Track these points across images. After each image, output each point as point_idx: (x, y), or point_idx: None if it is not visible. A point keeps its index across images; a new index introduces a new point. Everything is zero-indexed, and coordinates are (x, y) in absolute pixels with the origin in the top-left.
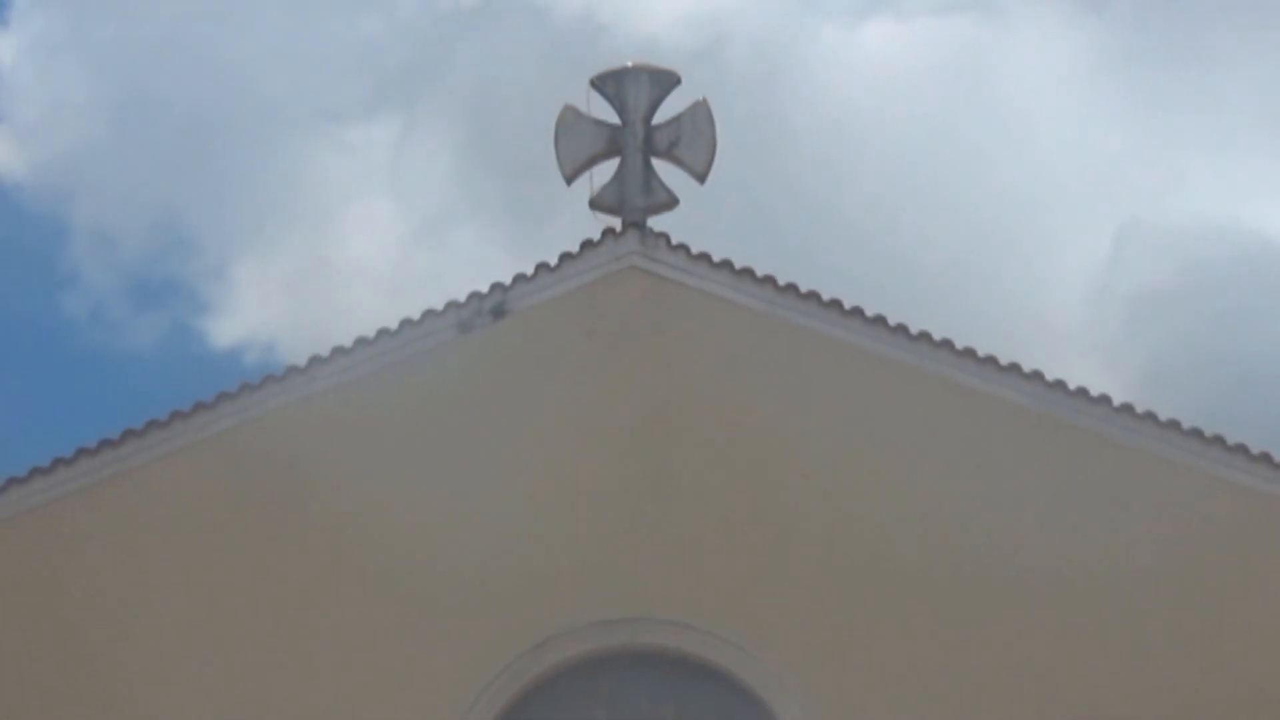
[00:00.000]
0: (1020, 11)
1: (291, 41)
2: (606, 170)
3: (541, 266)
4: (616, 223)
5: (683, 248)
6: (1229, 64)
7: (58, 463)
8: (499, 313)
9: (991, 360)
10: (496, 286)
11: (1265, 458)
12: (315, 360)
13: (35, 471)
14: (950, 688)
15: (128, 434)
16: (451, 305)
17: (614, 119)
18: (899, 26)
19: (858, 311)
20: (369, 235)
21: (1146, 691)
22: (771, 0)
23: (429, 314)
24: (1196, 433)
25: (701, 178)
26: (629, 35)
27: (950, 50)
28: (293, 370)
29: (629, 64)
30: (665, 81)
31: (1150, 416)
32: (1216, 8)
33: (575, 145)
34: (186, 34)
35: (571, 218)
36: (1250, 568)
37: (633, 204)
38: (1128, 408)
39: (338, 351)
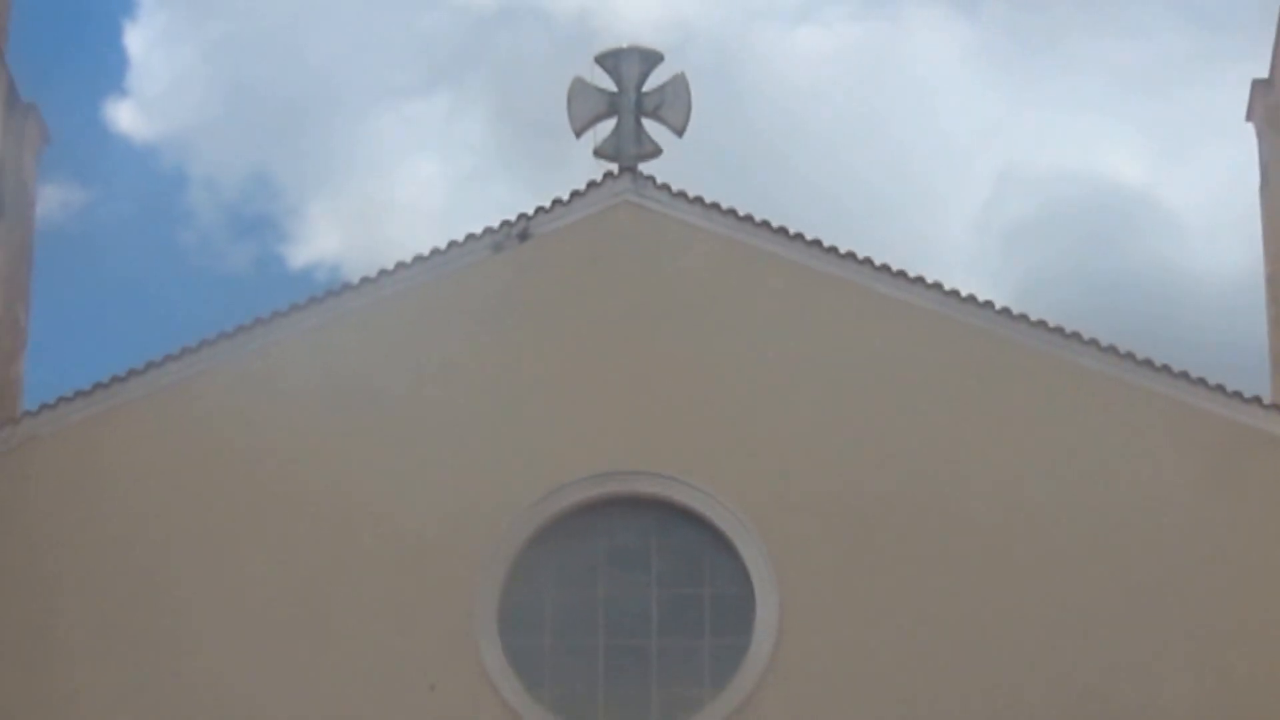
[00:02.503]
0: (914, 14)
1: (363, 34)
2: (606, 127)
3: (557, 201)
4: (614, 168)
5: (665, 187)
6: (1080, 49)
7: (185, 350)
8: (524, 236)
9: (902, 273)
10: (522, 216)
11: (1112, 349)
12: (382, 272)
13: (168, 358)
14: (872, 522)
15: (239, 329)
16: (487, 230)
17: (612, 88)
18: (824, 29)
19: (799, 236)
20: (422, 184)
21: (1022, 519)
22: (724, 9)
23: (470, 237)
24: (1059, 329)
25: (680, 133)
26: (614, 34)
27: (863, 45)
28: (365, 280)
29: (624, 45)
30: (652, 59)
31: (1023, 317)
32: (1068, 6)
33: (582, 108)
34: (281, 26)
35: (580, 164)
36: (1099, 431)
37: (627, 153)
38: (1006, 310)
39: (400, 265)
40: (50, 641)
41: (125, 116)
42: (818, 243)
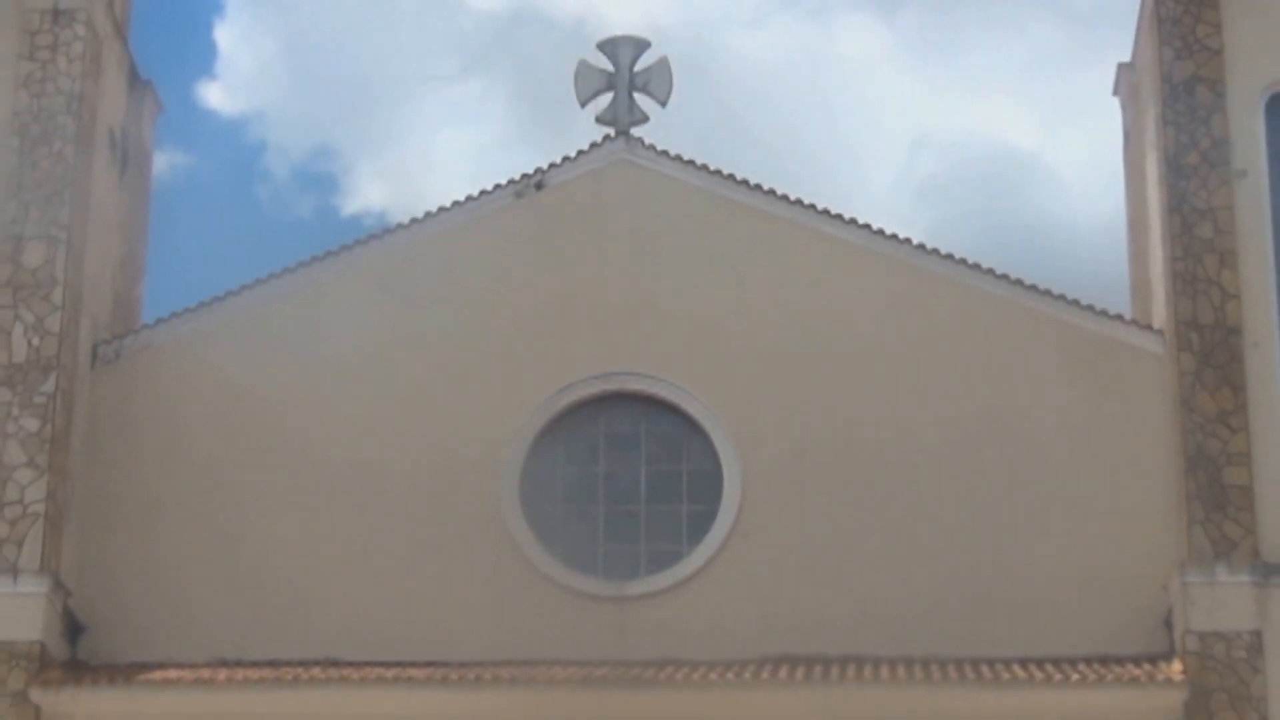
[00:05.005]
0: (844, 19)
1: (409, 33)
2: (605, 99)
3: (566, 159)
4: (611, 132)
5: (652, 147)
6: (979, 43)
7: (271, 276)
8: (540, 186)
9: (839, 216)
10: (538, 170)
11: (1005, 276)
12: (427, 214)
13: (257, 282)
14: (816, 413)
15: (313, 260)
16: (510, 182)
17: (610, 68)
18: (774, 31)
19: (758, 186)
20: (456, 148)
21: (934, 412)
22: (694, 16)
23: (497, 186)
24: (963, 261)
25: (664, 104)
26: (603, 31)
27: (805, 43)
28: (414, 219)
29: (620, 34)
30: (642, 45)
31: (935, 251)
32: (969, 11)
33: (586, 84)
34: (342, 25)
35: (584, 129)
36: (996, 341)
37: (622, 120)
38: (922, 245)
39: (441, 209)
40: (161, 509)
41: (215, 96)
42: (772, 191)
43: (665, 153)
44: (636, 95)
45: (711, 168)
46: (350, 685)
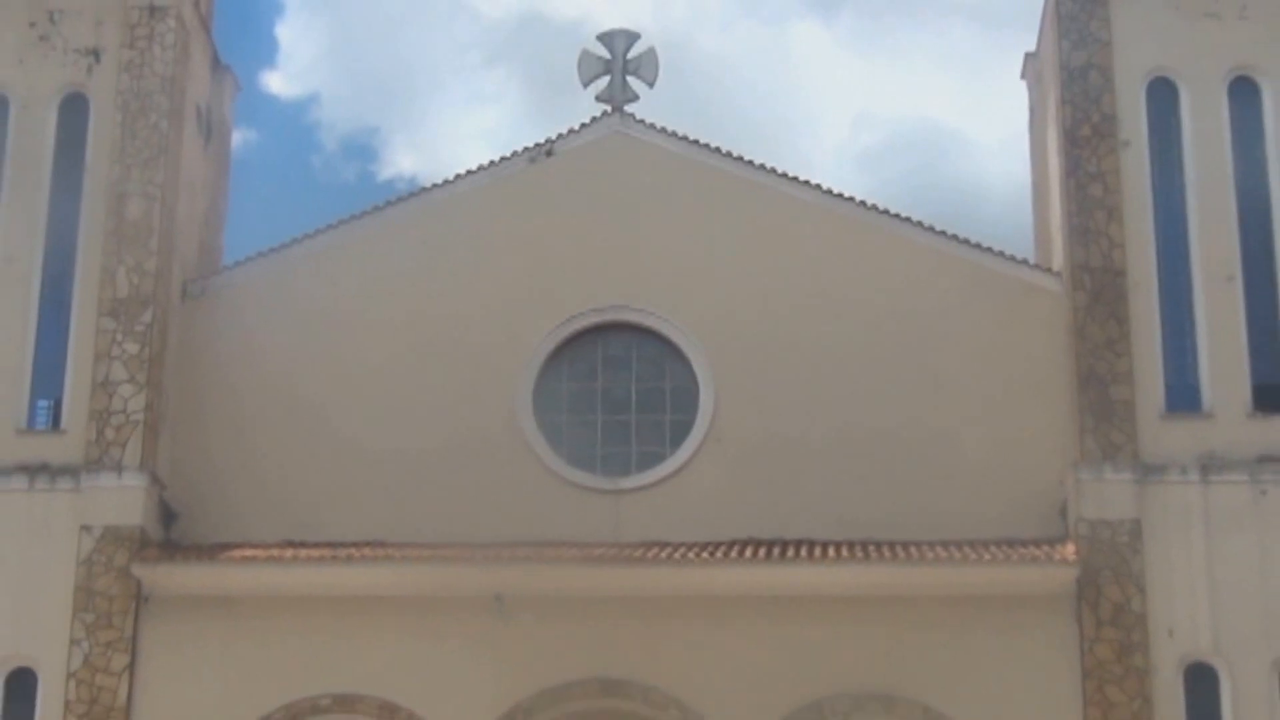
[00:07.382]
0: (795, 20)
1: (441, 28)
2: (603, 82)
3: (571, 130)
4: (609, 108)
5: (642, 121)
6: (910, 35)
7: (327, 228)
8: (549, 154)
9: (796, 178)
10: (548, 140)
11: (932, 228)
12: (457, 176)
13: (317, 231)
14: (777, 340)
15: (363, 213)
16: (525, 149)
17: (607, 55)
18: (739, 30)
19: (729, 153)
20: (480, 126)
21: (876, 339)
22: (674, 15)
23: (514, 154)
24: (898, 215)
25: (652, 86)
26: (598, 29)
27: (764, 38)
28: (447, 180)
29: (616, 28)
30: (634, 36)
31: (874, 207)
32: (898, 12)
33: (587, 69)
34: (385, 24)
35: (585, 106)
36: (924, 282)
37: (617, 99)
38: (863, 202)
39: (469, 171)
40: (240, 417)
41: (277, 83)
42: (741, 158)
43: (653, 126)
44: (629, 79)
45: (691, 138)
46: (394, 562)
